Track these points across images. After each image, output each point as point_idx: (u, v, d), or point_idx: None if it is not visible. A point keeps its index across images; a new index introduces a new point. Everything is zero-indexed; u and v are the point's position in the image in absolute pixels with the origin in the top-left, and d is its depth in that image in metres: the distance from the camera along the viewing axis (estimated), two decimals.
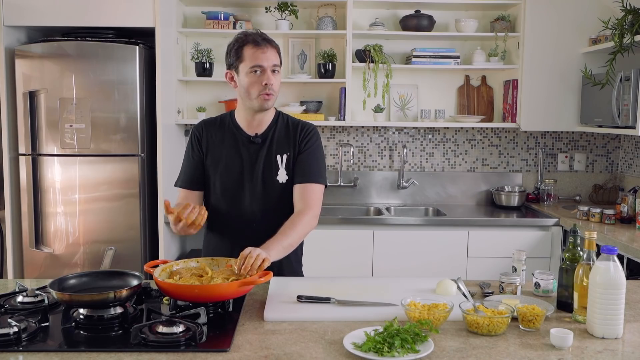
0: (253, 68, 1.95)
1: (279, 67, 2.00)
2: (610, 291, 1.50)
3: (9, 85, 3.34)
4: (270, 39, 2.01)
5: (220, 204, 2.07)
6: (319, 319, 1.63)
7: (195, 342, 1.43)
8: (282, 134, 2.08)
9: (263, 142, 2.06)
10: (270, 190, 2.05)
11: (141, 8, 3.29)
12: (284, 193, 2.05)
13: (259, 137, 2.06)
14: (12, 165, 3.39)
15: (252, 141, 2.06)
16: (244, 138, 2.06)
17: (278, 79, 2.00)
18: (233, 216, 2.06)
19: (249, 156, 2.05)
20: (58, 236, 3.37)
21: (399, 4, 3.81)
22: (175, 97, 3.69)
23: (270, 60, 1.96)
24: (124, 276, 1.74)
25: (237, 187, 2.05)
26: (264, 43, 1.97)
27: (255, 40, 1.97)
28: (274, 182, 2.04)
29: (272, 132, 2.07)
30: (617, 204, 3.43)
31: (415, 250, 3.42)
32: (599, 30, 3.49)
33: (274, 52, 1.98)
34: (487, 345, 1.47)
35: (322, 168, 2.08)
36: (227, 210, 2.07)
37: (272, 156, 2.05)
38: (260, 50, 1.95)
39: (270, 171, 2.05)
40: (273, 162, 2.05)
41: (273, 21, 3.78)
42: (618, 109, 3.23)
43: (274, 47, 2.00)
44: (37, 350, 1.41)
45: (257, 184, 2.04)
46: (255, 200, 2.04)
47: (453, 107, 4.04)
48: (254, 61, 1.95)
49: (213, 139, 2.08)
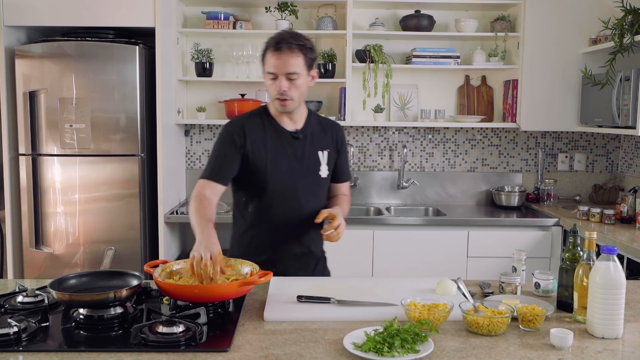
0: (268, 74, 1.99)
1: (297, 75, 1.96)
2: (610, 291, 1.50)
3: (9, 85, 3.34)
4: (295, 43, 1.96)
5: (265, 199, 2.08)
6: (319, 319, 1.63)
7: (195, 342, 1.43)
8: (318, 131, 2.15)
9: (305, 138, 2.10)
10: (314, 185, 2.12)
11: (141, 8, 3.29)
12: (324, 187, 2.16)
13: (300, 132, 2.10)
14: (12, 165, 3.39)
15: (296, 137, 2.09)
16: (287, 134, 2.09)
17: (297, 84, 1.98)
18: (278, 212, 2.08)
19: (294, 151, 2.08)
20: (58, 236, 3.37)
21: (399, 4, 3.81)
22: (175, 97, 3.69)
23: (285, 67, 1.94)
24: (124, 276, 1.74)
25: (285, 183, 2.07)
26: (285, 48, 1.94)
27: (276, 44, 1.95)
28: (318, 177, 2.12)
29: (309, 129, 2.12)
30: (617, 204, 3.43)
31: (415, 250, 3.42)
32: (599, 30, 3.49)
33: (292, 58, 1.95)
34: (487, 345, 1.47)
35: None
36: (271, 206, 2.08)
37: (314, 152, 2.11)
38: (275, 56, 1.95)
39: (314, 167, 2.11)
40: (316, 157, 2.11)
41: (273, 21, 3.78)
42: (618, 109, 3.23)
43: (296, 52, 1.95)
44: (37, 350, 1.42)
45: (304, 180, 2.09)
46: (301, 195, 2.08)
47: (453, 107, 4.04)
48: (269, 67, 1.98)
49: (256, 135, 2.07)
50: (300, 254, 2.14)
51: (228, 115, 3.76)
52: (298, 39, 1.98)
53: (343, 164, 2.22)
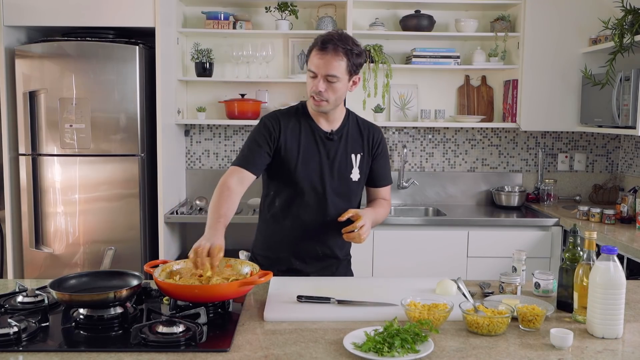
0: (309, 71, 1.98)
1: (336, 78, 1.94)
2: (610, 291, 1.50)
3: (9, 85, 3.34)
4: (342, 46, 1.93)
5: (291, 197, 2.08)
6: (319, 319, 1.63)
7: (195, 342, 1.43)
8: (354, 133, 2.12)
9: (339, 140, 2.09)
10: (344, 188, 2.10)
11: (141, 8, 3.29)
12: (355, 191, 2.14)
13: (335, 134, 2.08)
14: (12, 165, 3.39)
15: (329, 138, 2.08)
16: (322, 133, 2.08)
17: (335, 87, 1.96)
18: (303, 211, 2.07)
19: (326, 152, 2.07)
20: (58, 236, 3.37)
21: (399, 4, 3.81)
22: (175, 97, 3.69)
23: (325, 67, 1.93)
24: (124, 276, 1.74)
25: (313, 182, 2.06)
26: (330, 49, 1.92)
27: (323, 44, 1.94)
28: (348, 179, 2.10)
29: (345, 131, 2.11)
30: (617, 204, 3.43)
31: (415, 250, 3.42)
32: (599, 30, 3.49)
33: (336, 60, 1.93)
34: (487, 345, 1.47)
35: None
36: (297, 205, 2.07)
37: (347, 154, 2.10)
38: (318, 56, 1.94)
39: (345, 169, 2.09)
40: (348, 160, 2.10)
41: (273, 21, 3.78)
42: (618, 109, 3.23)
43: (340, 55, 1.93)
44: (37, 350, 1.42)
45: (333, 182, 2.08)
46: (328, 197, 2.07)
47: (453, 107, 4.04)
48: (310, 65, 1.98)
49: (291, 131, 2.06)
50: (321, 254, 2.13)
51: (228, 115, 3.76)
52: (346, 42, 1.95)
53: (380, 168, 2.17)
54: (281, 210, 2.11)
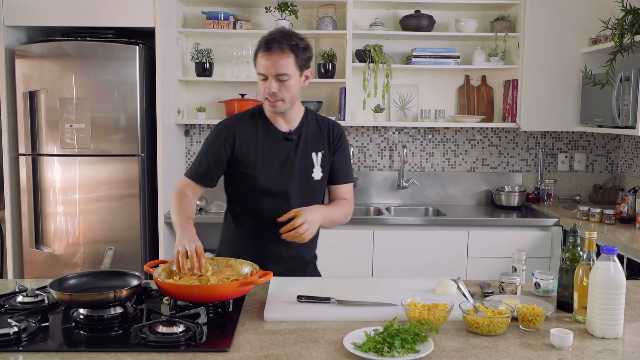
0: (259, 75, 1.96)
1: (287, 76, 1.92)
2: (610, 291, 1.50)
3: (9, 85, 3.34)
4: (287, 43, 1.91)
5: (253, 200, 2.06)
6: (319, 319, 1.63)
7: (195, 342, 1.43)
8: (314, 131, 2.10)
9: (298, 139, 2.07)
10: (306, 188, 2.07)
11: (141, 8, 3.29)
12: (318, 190, 2.11)
13: (293, 133, 2.06)
14: (12, 165, 3.39)
15: (288, 138, 2.06)
16: (280, 134, 2.06)
17: (287, 86, 1.94)
18: (266, 213, 2.03)
19: (286, 152, 2.05)
20: (58, 236, 3.37)
21: (399, 4, 3.81)
22: (175, 97, 3.69)
23: (274, 67, 1.90)
24: (124, 276, 1.74)
25: (274, 184, 2.04)
26: (276, 48, 1.90)
27: (267, 44, 1.91)
28: (310, 179, 2.07)
29: (304, 129, 2.08)
30: (617, 204, 3.43)
31: (415, 250, 3.42)
32: (599, 30, 3.49)
33: (283, 59, 1.90)
34: (487, 345, 1.47)
35: (351, 165, 2.23)
36: (260, 207, 2.06)
37: (307, 153, 2.07)
38: (265, 57, 1.92)
39: (307, 169, 2.07)
40: (309, 159, 2.07)
41: (273, 21, 3.78)
42: (618, 109, 3.23)
43: (287, 52, 1.91)
44: (37, 350, 1.42)
45: (295, 181, 2.05)
46: (291, 197, 2.05)
47: (453, 107, 4.04)
48: (259, 68, 1.95)
49: (246, 136, 2.05)
50: (287, 257, 2.10)
51: (228, 115, 3.76)
52: (290, 38, 1.92)
53: (339, 163, 2.13)
54: (244, 214, 2.10)
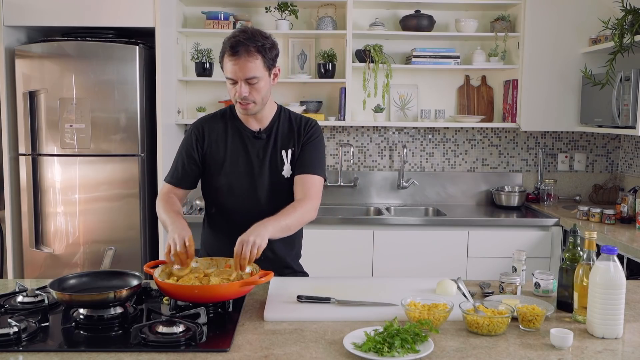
0: (228, 79, 1.94)
1: (257, 79, 1.89)
2: (610, 291, 1.50)
3: (9, 85, 3.34)
4: (252, 45, 1.87)
5: (225, 200, 2.07)
6: (319, 319, 1.63)
7: (195, 342, 1.43)
8: (285, 129, 2.08)
9: (268, 138, 2.06)
10: (276, 186, 2.06)
11: (141, 8, 3.29)
12: (290, 188, 2.06)
13: (263, 132, 2.06)
14: (12, 165, 3.39)
15: (257, 137, 2.05)
16: (249, 133, 2.06)
17: (258, 88, 1.92)
18: (238, 213, 2.04)
19: (255, 152, 2.05)
20: (58, 236, 3.37)
21: (399, 4, 3.81)
22: (175, 97, 3.69)
23: (243, 72, 1.88)
24: (124, 276, 1.74)
25: (244, 182, 2.04)
26: (242, 52, 1.86)
27: (233, 48, 1.87)
28: (280, 177, 2.05)
29: (275, 128, 2.07)
30: (617, 204, 3.43)
31: (415, 250, 3.42)
32: (599, 30, 3.49)
33: (250, 62, 1.87)
34: (487, 345, 1.47)
35: (322, 161, 2.09)
36: (232, 207, 2.06)
37: (277, 152, 2.06)
38: (232, 62, 1.88)
39: (276, 167, 2.05)
40: (279, 157, 2.06)
41: (273, 21, 3.78)
42: (618, 109, 3.23)
43: (254, 55, 1.87)
44: (37, 350, 1.41)
45: (264, 180, 2.04)
46: (262, 195, 2.04)
47: (453, 107, 4.04)
48: (227, 73, 1.93)
49: (216, 135, 2.06)
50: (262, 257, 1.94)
51: None
52: (255, 39, 1.88)
53: (303, 155, 2.04)
54: (218, 214, 2.11)
